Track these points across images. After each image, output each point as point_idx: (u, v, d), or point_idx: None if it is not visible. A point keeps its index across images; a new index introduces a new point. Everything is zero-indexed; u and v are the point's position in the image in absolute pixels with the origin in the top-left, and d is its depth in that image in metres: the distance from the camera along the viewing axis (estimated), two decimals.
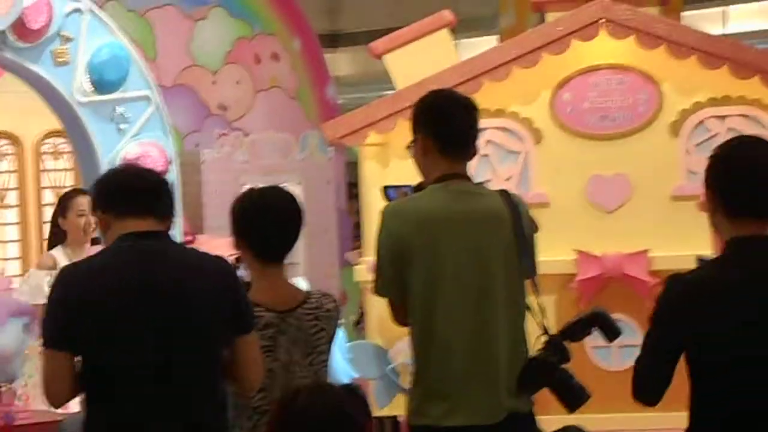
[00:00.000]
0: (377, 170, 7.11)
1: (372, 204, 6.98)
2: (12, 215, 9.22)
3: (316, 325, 4.06)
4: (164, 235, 3.71)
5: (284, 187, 4.24)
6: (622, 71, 7.08)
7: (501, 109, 7.08)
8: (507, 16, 10.54)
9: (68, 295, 3.59)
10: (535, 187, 7.09)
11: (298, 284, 4.33)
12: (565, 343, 4.09)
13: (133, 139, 6.97)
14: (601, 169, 7.05)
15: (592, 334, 4.13)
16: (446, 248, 4.04)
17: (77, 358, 3.62)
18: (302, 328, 4.03)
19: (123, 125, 6.95)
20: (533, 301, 4.14)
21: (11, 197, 9.23)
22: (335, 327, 4.14)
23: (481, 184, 4.23)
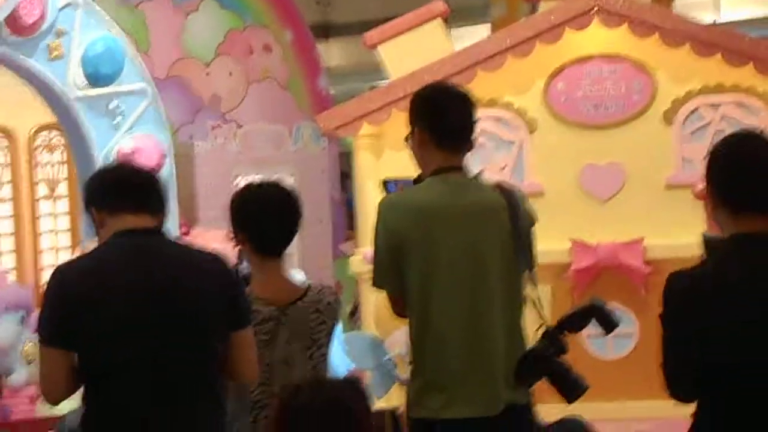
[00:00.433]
0: (371, 161, 7.13)
1: (367, 195, 6.99)
2: (6, 209, 9.21)
3: (317, 317, 4.07)
4: (159, 231, 3.72)
5: (280, 180, 4.25)
6: (615, 60, 7.10)
7: (495, 98, 7.09)
8: (498, 6, 10.54)
9: (66, 292, 3.59)
10: (530, 176, 7.11)
11: (293, 277, 4.32)
12: (563, 334, 4.10)
13: (128, 132, 6.95)
14: (595, 158, 7.06)
15: (588, 326, 4.14)
16: (442, 240, 4.04)
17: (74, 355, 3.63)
18: (303, 321, 4.04)
19: (118, 119, 6.92)
20: (531, 293, 4.14)
21: (5, 191, 9.21)
22: (336, 320, 4.15)
23: (478, 177, 4.23)
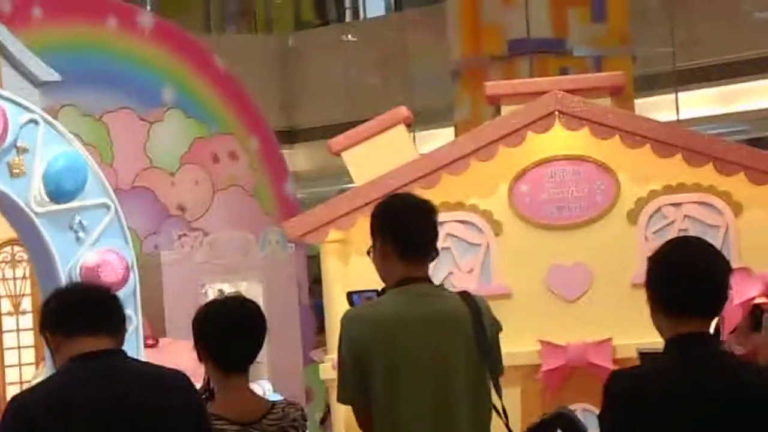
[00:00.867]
0: (339, 267, 7.10)
1: (335, 301, 6.96)
2: None
3: None
4: (118, 351, 3.65)
5: (245, 294, 4.23)
6: (577, 161, 7.12)
7: (460, 202, 7.10)
8: (462, 108, 10.63)
9: (24, 425, 3.52)
10: (497, 278, 7.10)
11: (262, 386, 4.30)
12: None
13: (92, 247, 6.91)
14: (562, 259, 7.06)
15: None
16: (405, 350, 4.04)
17: None
18: None
19: (81, 233, 6.88)
20: (496, 402, 4.13)
21: None
22: None
23: (441, 286, 4.24)
